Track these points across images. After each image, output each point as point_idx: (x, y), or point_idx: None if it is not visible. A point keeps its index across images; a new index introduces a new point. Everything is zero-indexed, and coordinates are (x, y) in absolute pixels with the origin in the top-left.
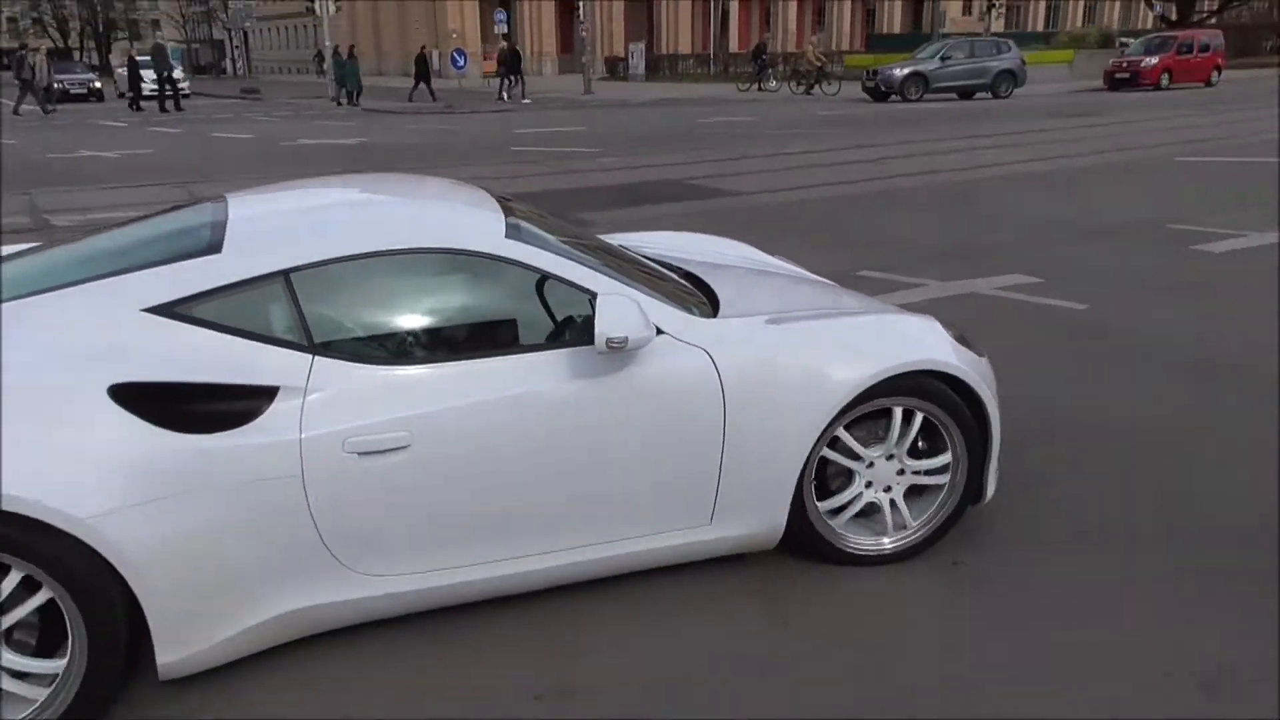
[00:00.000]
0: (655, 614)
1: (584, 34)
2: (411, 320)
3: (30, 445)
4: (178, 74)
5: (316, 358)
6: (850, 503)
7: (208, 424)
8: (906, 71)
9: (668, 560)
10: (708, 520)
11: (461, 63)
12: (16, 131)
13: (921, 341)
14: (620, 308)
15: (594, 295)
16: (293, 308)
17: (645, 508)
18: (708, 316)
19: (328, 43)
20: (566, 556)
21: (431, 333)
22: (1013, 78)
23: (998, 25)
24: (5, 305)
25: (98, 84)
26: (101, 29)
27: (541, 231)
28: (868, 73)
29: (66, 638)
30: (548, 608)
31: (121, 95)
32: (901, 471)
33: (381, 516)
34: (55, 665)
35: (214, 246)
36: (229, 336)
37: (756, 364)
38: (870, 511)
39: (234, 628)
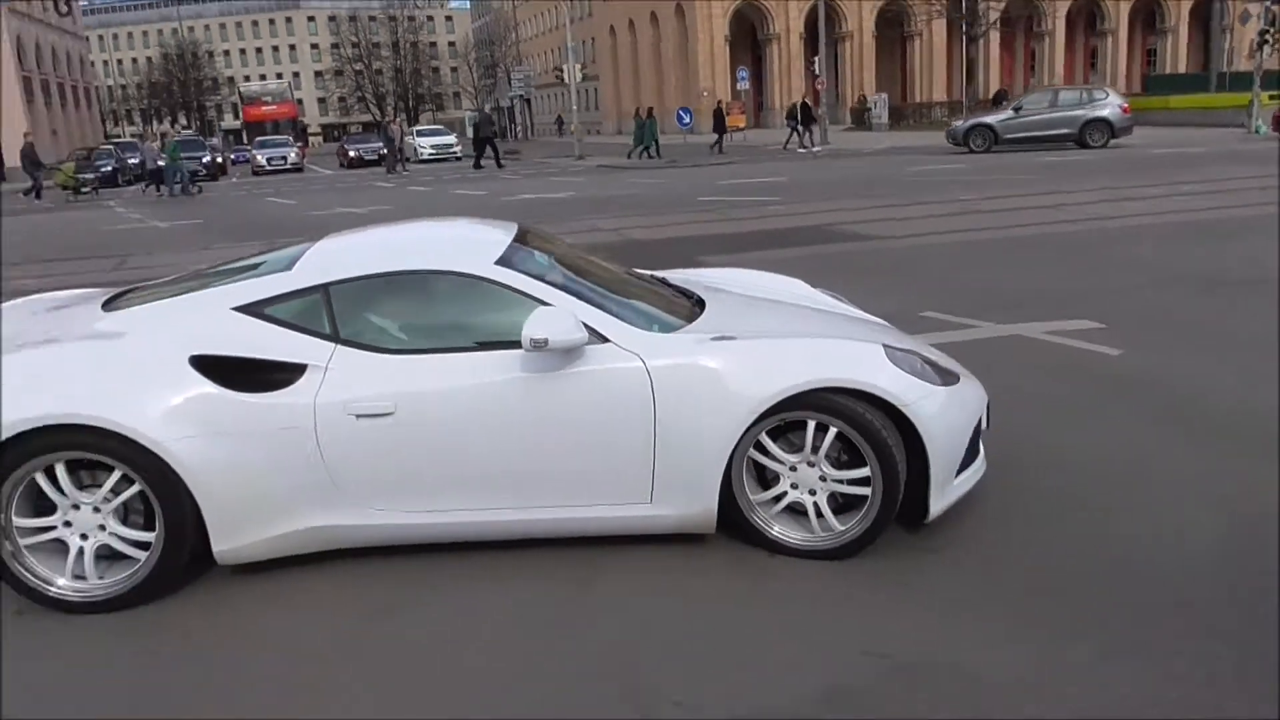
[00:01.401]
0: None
1: (819, 87)
2: (408, 322)
3: (132, 391)
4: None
5: (338, 346)
6: (777, 498)
7: (253, 387)
8: (971, 123)
9: (615, 530)
10: (648, 499)
11: (687, 120)
12: (309, 193)
13: (847, 363)
14: (550, 316)
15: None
16: (327, 310)
17: (589, 481)
18: (672, 330)
19: (574, 108)
20: (519, 514)
21: (422, 331)
22: (1107, 126)
23: (1270, 63)
24: (148, 307)
25: (385, 150)
26: (411, 102)
27: (542, 260)
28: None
29: (155, 520)
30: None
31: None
32: (823, 479)
33: (372, 464)
34: (149, 536)
35: (289, 267)
36: (282, 328)
37: (686, 371)
38: (802, 511)
39: (267, 533)
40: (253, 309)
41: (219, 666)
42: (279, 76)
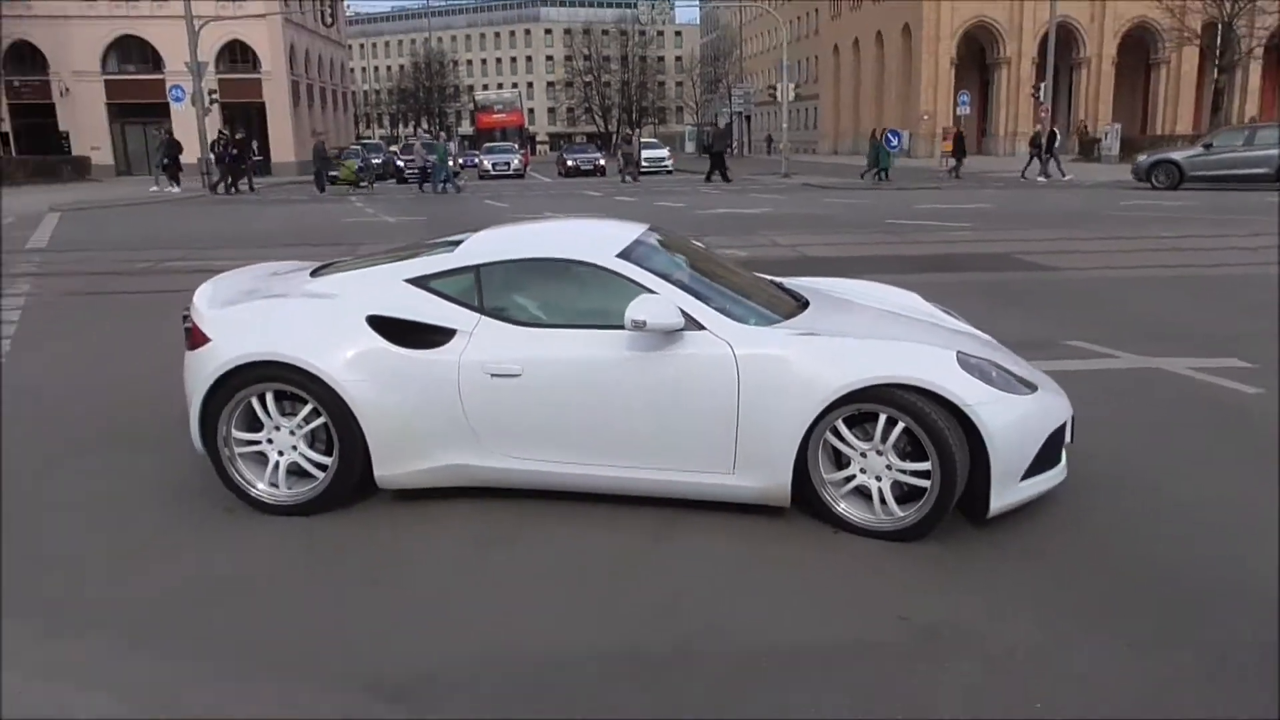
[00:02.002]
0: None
1: (1043, 114)
2: (539, 300)
3: (323, 341)
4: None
5: (482, 317)
6: (847, 479)
7: (414, 344)
8: (1155, 159)
9: (700, 495)
10: (731, 470)
11: (895, 143)
12: (525, 198)
13: (916, 363)
14: (651, 302)
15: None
16: (476, 287)
17: (679, 449)
18: (766, 324)
19: (784, 126)
20: (618, 472)
21: (550, 309)
22: None
23: None
24: (341, 275)
25: (601, 161)
26: (635, 115)
27: (663, 256)
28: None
29: (333, 448)
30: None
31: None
32: (889, 467)
33: (501, 417)
34: (328, 460)
35: (452, 249)
36: (440, 299)
37: (768, 360)
38: (868, 494)
39: (416, 466)
40: (419, 281)
41: (361, 569)
42: (514, 86)
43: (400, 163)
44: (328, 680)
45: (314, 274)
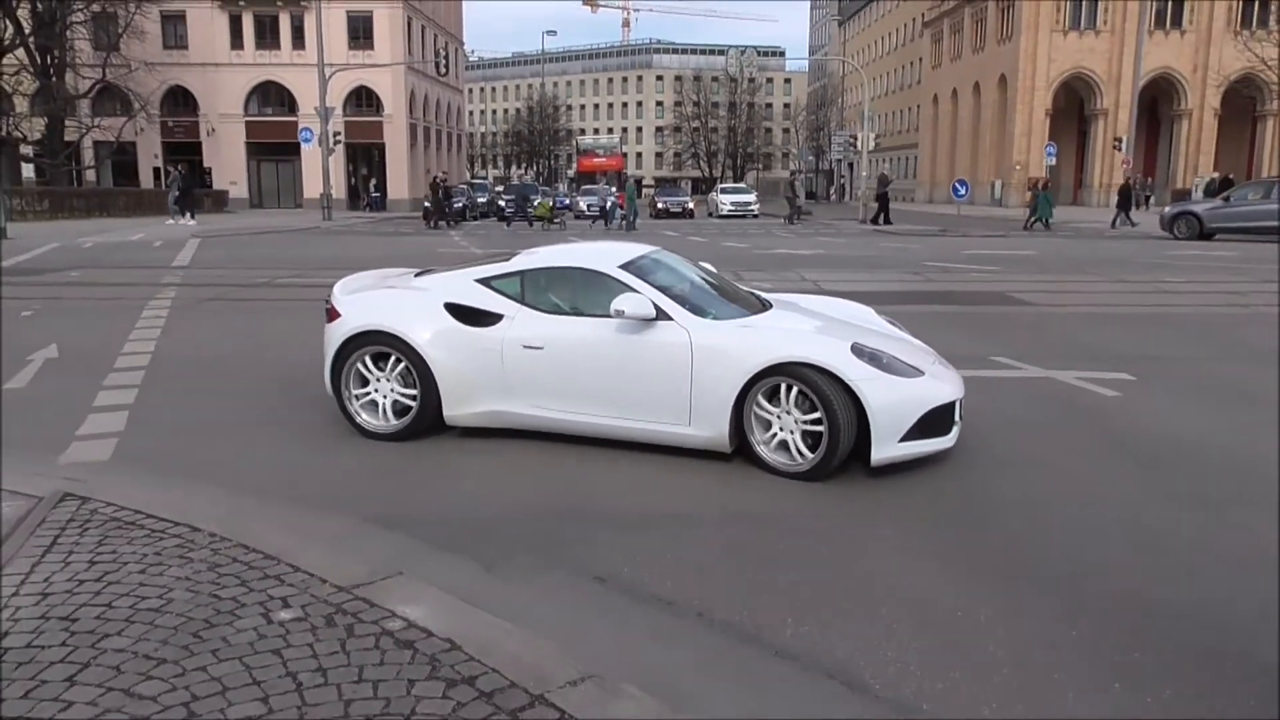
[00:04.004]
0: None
1: (1125, 166)
2: (561, 296)
3: (414, 318)
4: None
5: (522, 307)
6: (773, 437)
7: (474, 324)
8: (1176, 210)
9: (667, 440)
10: (688, 423)
11: (963, 192)
12: (607, 235)
13: (814, 348)
14: (631, 298)
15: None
16: (520, 286)
17: (652, 405)
18: (722, 319)
19: (864, 174)
20: (609, 420)
21: (569, 302)
22: None
23: None
24: (434, 276)
25: (690, 204)
26: (739, 160)
27: (658, 269)
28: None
29: (417, 390)
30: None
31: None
32: (796, 420)
33: (530, 377)
34: (415, 392)
35: (508, 260)
36: (496, 294)
37: (714, 343)
38: (787, 446)
39: (471, 410)
40: (484, 281)
41: (421, 473)
42: (624, 130)
43: (502, 202)
44: (364, 513)
45: (417, 275)
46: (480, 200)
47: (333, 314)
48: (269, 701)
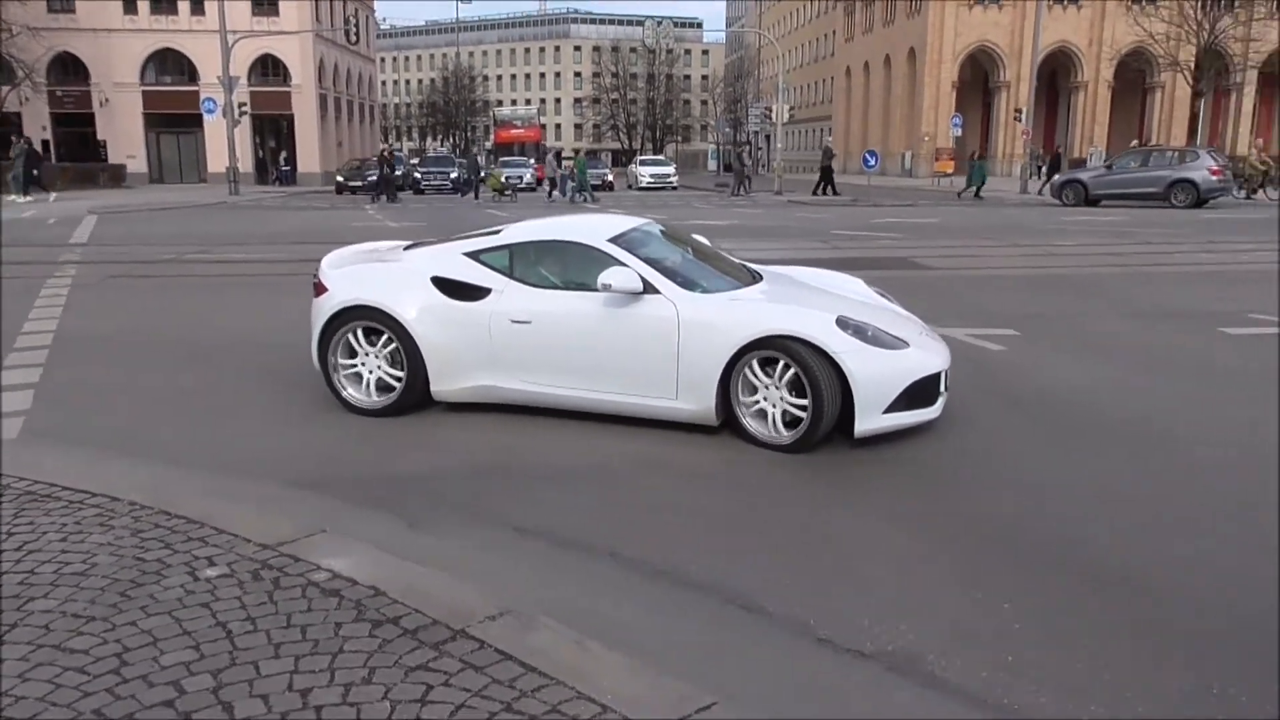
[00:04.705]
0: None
1: (1025, 136)
2: (551, 269)
3: (401, 293)
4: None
5: (510, 281)
6: (755, 404)
7: (461, 298)
8: (1065, 179)
9: (656, 414)
10: (675, 396)
11: (873, 163)
12: (529, 208)
13: (799, 322)
14: (618, 272)
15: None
16: (509, 259)
17: (639, 379)
18: (710, 293)
19: (779, 146)
20: (597, 395)
21: (557, 276)
22: (1193, 187)
23: None
24: (422, 249)
25: (610, 176)
26: (658, 133)
27: (648, 242)
28: None
29: (404, 366)
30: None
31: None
32: (782, 398)
33: (517, 352)
34: (401, 373)
35: (498, 234)
36: (485, 267)
37: (701, 316)
38: (767, 416)
39: (458, 385)
40: (473, 254)
41: (342, 437)
42: (542, 102)
43: (418, 175)
44: (286, 478)
45: (406, 249)
46: (397, 173)
47: (320, 288)
48: (200, 649)
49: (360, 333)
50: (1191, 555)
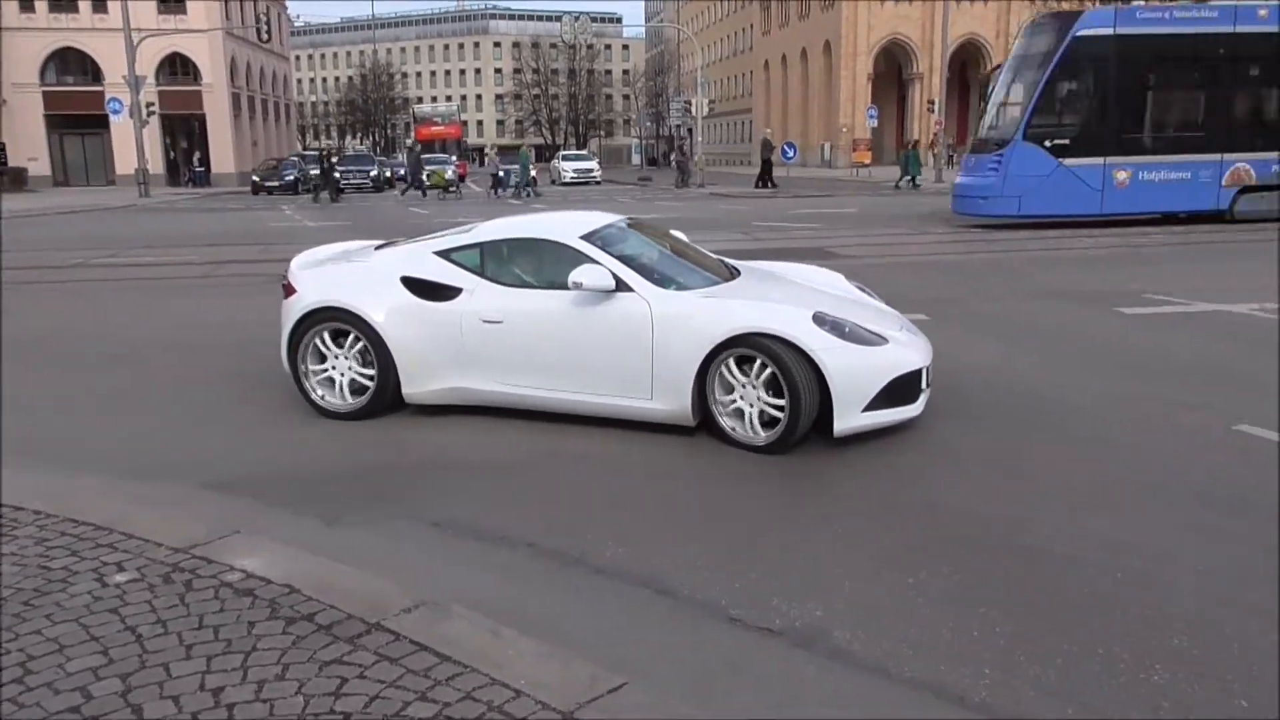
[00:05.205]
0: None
1: (938, 126)
2: (522, 268)
3: (370, 294)
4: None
5: (482, 280)
6: (731, 402)
7: (432, 298)
8: None
9: (631, 415)
10: (649, 397)
11: (791, 154)
12: (454, 207)
13: (775, 319)
14: (590, 269)
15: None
16: (481, 258)
17: (613, 379)
18: (685, 290)
19: (699, 139)
20: (570, 396)
21: (530, 275)
22: None
23: None
24: (392, 249)
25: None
26: (581, 128)
27: (622, 238)
28: None
29: (381, 369)
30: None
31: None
32: (759, 398)
33: (490, 353)
34: (373, 372)
35: (469, 232)
36: (456, 266)
37: (675, 314)
38: (742, 416)
39: (430, 387)
40: (443, 253)
41: (255, 437)
42: (463, 99)
43: (337, 174)
44: (198, 480)
45: (377, 249)
46: (313, 173)
47: (289, 289)
48: (109, 654)
49: (328, 335)
50: (1090, 529)
